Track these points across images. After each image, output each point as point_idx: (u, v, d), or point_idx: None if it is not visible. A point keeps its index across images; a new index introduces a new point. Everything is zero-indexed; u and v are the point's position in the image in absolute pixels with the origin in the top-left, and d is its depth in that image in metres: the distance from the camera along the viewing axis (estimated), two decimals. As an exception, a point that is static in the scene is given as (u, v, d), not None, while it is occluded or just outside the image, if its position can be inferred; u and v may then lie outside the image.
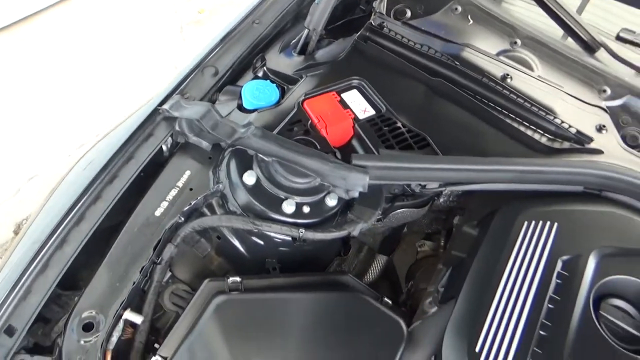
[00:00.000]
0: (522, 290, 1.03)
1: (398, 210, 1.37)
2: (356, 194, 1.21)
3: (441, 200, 1.39)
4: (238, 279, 1.07)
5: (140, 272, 1.06)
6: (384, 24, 1.60)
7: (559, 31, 1.61)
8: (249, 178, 1.17)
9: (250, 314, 1.03)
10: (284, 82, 1.44)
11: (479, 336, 0.96)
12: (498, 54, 1.56)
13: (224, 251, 1.22)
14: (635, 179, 1.23)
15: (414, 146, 1.29)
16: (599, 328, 1.00)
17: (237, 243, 1.20)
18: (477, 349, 0.95)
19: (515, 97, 1.40)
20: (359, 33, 1.55)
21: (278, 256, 1.21)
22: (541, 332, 0.98)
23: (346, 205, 1.24)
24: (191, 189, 1.21)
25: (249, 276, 1.10)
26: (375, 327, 1.04)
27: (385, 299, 1.15)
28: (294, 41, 1.57)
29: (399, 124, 1.33)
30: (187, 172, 1.24)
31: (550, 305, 1.02)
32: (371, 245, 1.51)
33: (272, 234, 1.16)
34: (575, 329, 0.98)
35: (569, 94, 1.44)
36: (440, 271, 1.24)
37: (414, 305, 1.21)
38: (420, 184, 1.26)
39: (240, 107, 1.35)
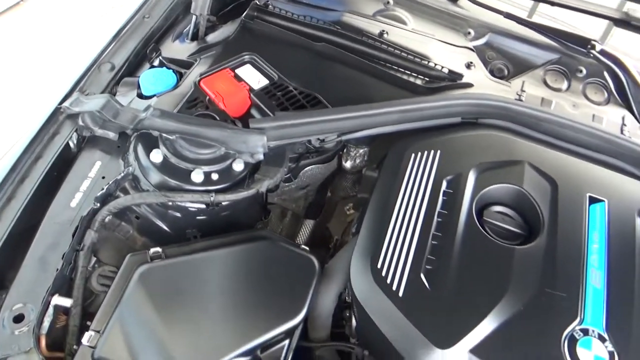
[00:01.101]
0: (414, 210, 1.13)
1: (307, 168, 1.45)
2: (261, 157, 1.27)
3: (357, 161, 1.47)
4: (159, 249, 1.10)
5: (62, 259, 1.08)
6: (269, 2, 1.66)
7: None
8: (156, 156, 1.20)
9: (173, 277, 1.06)
10: (180, 67, 1.48)
11: (379, 255, 1.05)
12: (374, 14, 1.66)
13: (146, 230, 1.25)
14: (502, 102, 1.36)
15: (306, 105, 1.37)
16: (482, 231, 1.12)
17: (156, 220, 1.23)
18: (378, 266, 1.04)
19: (392, 49, 1.51)
20: (245, 13, 1.61)
21: (198, 226, 1.26)
22: (433, 242, 1.08)
23: (254, 169, 1.30)
24: (103, 177, 1.23)
25: (170, 245, 1.14)
26: (289, 268, 1.10)
27: (302, 246, 1.22)
28: (185, 29, 1.60)
29: (291, 88, 1.40)
30: (98, 163, 1.26)
31: (439, 219, 1.12)
32: (295, 211, 1.58)
33: (187, 204, 1.20)
34: (461, 235, 1.09)
35: (439, 40, 1.56)
36: (354, 217, 1.33)
37: None
38: (318, 139, 1.34)
39: (140, 96, 1.38)
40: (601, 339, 0.97)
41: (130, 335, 0.99)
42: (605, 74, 1.52)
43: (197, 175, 1.19)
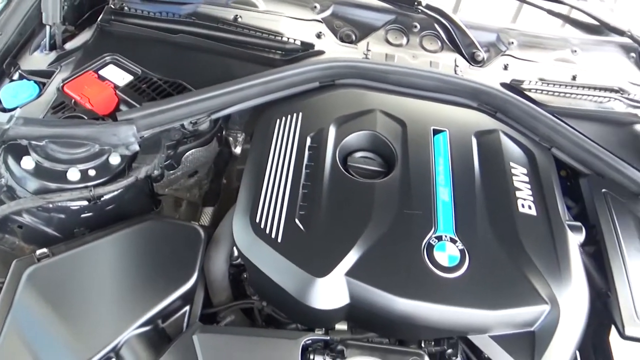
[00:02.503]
0: (284, 167, 1.20)
1: (187, 153, 1.48)
2: (136, 147, 1.28)
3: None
4: (45, 250, 1.09)
5: None
6: (124, 4, 1.66)
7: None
8: (28, 163, 1.18)
9: (63, 272, 1.06)
10: (42, 77, 1.44)
11: (257, 210, 1.12)
12: (227, 2, 1.71)
13: (32, 237, 1.23)
14: (351, 62, 1.47)
15: (173, 93, 1.39)
16: (346, 174, 1.22)
17: (40, 225, 1.21)
18: (257, 220, 1.10)
19: (248, 31, 1.57)
20: (100, 17, 1.59)
21: (85, 224, 1.25)
22: (304, 191, 1.16)
23: (133, 161, 1.30)
24: None
25: (56, 245, 1.13)
26: (175, 240, 1.13)
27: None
28: (43, 41, 1.56)
29: (155, 79, 1.42)
30: None
31: (307, 171, 1.20)
32: (191, 199, 1.60)
33: (68, 204, 1.19)
34: (328, 180, 1.18)
35: (289, 17, 1.65)
36: None
37: None
38: (191, 122, 1.37)
39: (4, 110, 1.34)
40: (452, 241, 1.11)
41: (28, 337, 0.98)
42: (436, 25, 1.68)
43: (73, 174, 1.19)
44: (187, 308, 1.10)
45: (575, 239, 1.20)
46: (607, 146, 1.42)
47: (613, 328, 1.11)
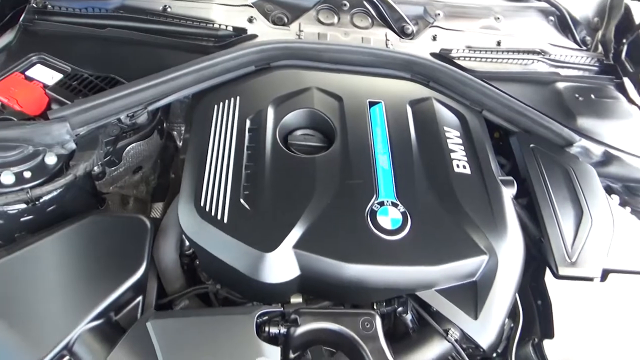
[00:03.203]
0: (225, 151, 1.20)
1: (128, 148, 1.44)
2: (72, 145, 1.24)
3: None
4: None
5: None
6: (47, 2, 1.60)
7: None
8: None
9: (6, 277, 1.02)
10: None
11: (201, 195, 1.11)
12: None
13: (-30, 248, 1.18)
14: (284, 44, 1.48)
15: (105, 88, 1.36)
16: (288, 152, 1.23)
17: (-23, 234, 1.17)
18: (202, 204, 1.10)
19: (178, 20, 1.55)
20: (22, 17, 1.53)
21: (26, 228, 1.20)
22: (247, 172, 1.16)
23: (70, 159, 1.27)
24: None
25: None
26: (121, 233, 1.11)
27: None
28: None
29: (86, 75, 1.38)
30: None
31: (249, 152, 1.21)
32: (138, 196, 1.57)
33: (4, 208, 1.15)
34: (270, 160, 1.19)
35: (219, 4, 1.63)
36: None
37: None
38: (127, 115, 1.34)
39: None
40: (394, 205, 1.14)
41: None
42: (365, 2, 1.71)
43: (7, 177, 1.14)
44: (139, 299, 1.08)
45: (508, 193, 1.26)
46: (532, 105, 1.49)
47: (548, 270, 1.17)
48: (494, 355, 1.13)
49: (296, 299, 1.12)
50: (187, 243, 1.19)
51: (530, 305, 1.17)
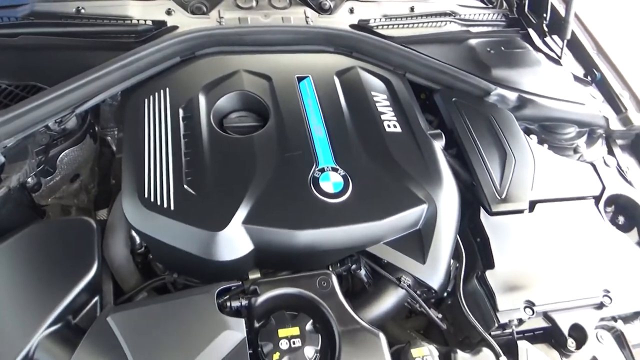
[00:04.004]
0: (162, 142, 1.19)
1: (62, 155, 1.40)
2: (1, 158, 1.19)
3: None
4: None
5: None
6: None
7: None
8: None
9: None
10: None
11: (143, 187, 1.10)
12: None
13: None
14: (206, 31, 1.47)
15: (27, 96, 1.29)
16: (224, 134, 1.23)
17: None
18: (146, 196, 1.09)
19: (94, 20, 1.50)
20: None
21: None
22: (187, 159, 1.16)
23: (0, 172, 1.21)
24: None
25: None
26: (67, 236, 1.08)
27: None
28: None
29: (4, 86, 1.31)
30: None
31: (186, 140, 1.20)
32: (80, 206, 1.51)
33: None
34: (207, 144, 1.19)
35: (135, 0, 1.59)
36: None
37: None
38: (55, 121, 1.30)
39: None
40: (334, 170, 1.18)
41: None
42: (279, -16, 1.72)
43: None
44: (96, 299, 1.06)
45: (438, 145, 1.32)
46: (450, 62, 1.56)
47: (482, 210, 1.26)
48: (445, 295, 1.20)
49: (254, 275, 1.14)
50: (137, 241, 1.18)
51: (471, 243, 1.25)
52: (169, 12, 1.57)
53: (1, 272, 1.02)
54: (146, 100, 1.29)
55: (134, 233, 1.17)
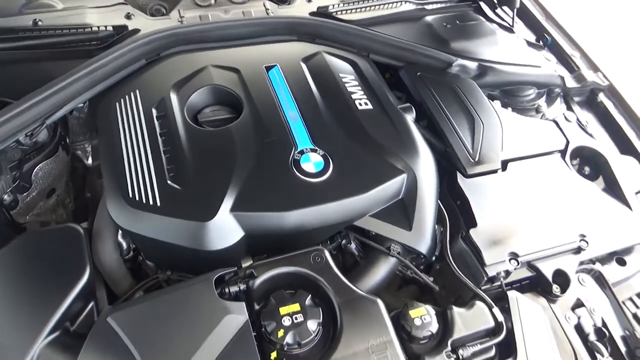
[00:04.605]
0: (139, 142, 1.18)
1: (36, 169, 1.36)
2: (-28, 175, 1.16)
3: None
4: None
5: None
6: None
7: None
8: None
9: None
10: None
11: (127, 187, 1.09)
12: (21, 9, 1.56)
13: None
14: (168, 31, 1.45)
15: (-5, 112, 1.26)
16: (200, 129, 1.23)
17: None
18: (130, 195, 1.08)
19: (54, 31, 1.46)
20: None
21: None
22: (166, 155, 1.15)
23: None
24: None
25: None
26: (55, 244, 1.06)
27: None
28: None
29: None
30: None
31: (163, 137, 1.19)
32: (59, 221, 1.47)
33: None
34: (185, 139, 1.19)
35: (92, 7, 1.56)
36: None
37: None
38: (26, 135, 1.26)
39: None
40: (313, 151, 1.19)
41: None
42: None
43: None
44: (92, 305, 1.04)
45: (409, 117, 1.35)
46: (410, 39, 1.60)
47: (459, 174, 1.29)
48: (433, 259, 1.23)
49: (247, 263, 1.14)
50: (124, 247, 1.16)
51: (452, 207, 1.28)
52: (128, 16, 1.55)
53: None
54: (117, 104, 1.27)
55: (120, 239, 1.16)
